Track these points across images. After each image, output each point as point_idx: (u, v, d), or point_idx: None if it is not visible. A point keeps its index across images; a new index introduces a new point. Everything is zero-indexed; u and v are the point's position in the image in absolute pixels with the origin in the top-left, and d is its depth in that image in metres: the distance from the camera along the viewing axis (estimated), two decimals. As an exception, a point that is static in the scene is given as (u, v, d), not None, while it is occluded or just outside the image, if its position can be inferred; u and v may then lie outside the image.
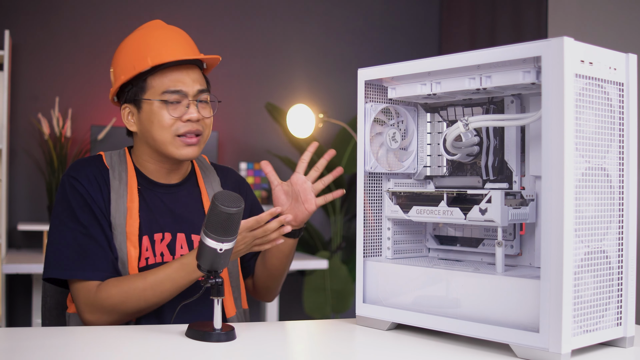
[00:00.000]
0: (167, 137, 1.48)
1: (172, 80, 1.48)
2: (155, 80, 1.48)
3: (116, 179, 1.50)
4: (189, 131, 1.48)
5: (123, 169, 1.53)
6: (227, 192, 1.21)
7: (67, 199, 1.46)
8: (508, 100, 1.32)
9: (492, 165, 1.34)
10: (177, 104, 1.48)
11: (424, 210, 1.34)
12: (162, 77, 1.48)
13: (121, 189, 1.49)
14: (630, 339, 1.19)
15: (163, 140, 1.48)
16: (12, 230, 3.60)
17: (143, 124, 1.50)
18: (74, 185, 1.47)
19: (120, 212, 1.47)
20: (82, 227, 1.44)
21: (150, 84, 1.48)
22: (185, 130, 1.48)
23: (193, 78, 1.50)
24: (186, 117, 1.47)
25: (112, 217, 1.47)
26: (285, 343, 1.31)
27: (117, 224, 1.46)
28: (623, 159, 1.18)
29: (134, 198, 1.49)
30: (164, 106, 1.47)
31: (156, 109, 1.47)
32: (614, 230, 1.18)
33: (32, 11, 3.73)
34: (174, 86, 1.47)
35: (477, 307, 1.21)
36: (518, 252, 1.32)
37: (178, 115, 1.47)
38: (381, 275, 1.38)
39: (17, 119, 3.64)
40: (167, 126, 1.47)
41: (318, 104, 4.16)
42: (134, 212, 1.48)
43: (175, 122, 1.47)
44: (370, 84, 1.42)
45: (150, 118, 1.48)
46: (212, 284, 1.23)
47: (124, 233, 1.46)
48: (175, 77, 1.48)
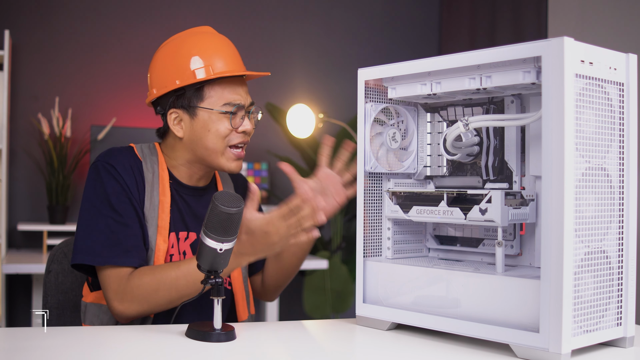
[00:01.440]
0: (221, 147, 1.49)
1: (232, 92, 1.50)
2: (215, 90, 1.49)
3: (150, 172, 1.51)
4: (241, 142, 1.52)
5: (155, 162, 1.53)
6: (227, 192, 1.21)
7: (102, 184, 1.44)
8: (508, 100, 1.32)
9: (492, 165, 1.34)
10: (235, 115, 1.50)
11: (424, 210, 1.34)
12: (222, 88, 1.49)
13: (154, 182, 1.50)
14: (630, 339, 1.19)
15: (216, 149, 1.49)
16: (12, 230, 3.60)
17: (195, 131, 1.50)
18: (110, 171, 1.45)
19: (154, 205, 1.48)
20: (116, 214, 1.42)
21: (208, 93, 1.49)
22: (238, 141, 1.51)
23: (246, 91, 1.55)
24: (242, 128, 1.51)
25: (145, 209, 1.47)
26: (285, 343, 1.31)
27: (150, 217, 1.47)
28: (623, 159, 1.18)
29: (166, 192, 1.50)
30: (224, 117, 1.48)
31: (215, 118, 1.48)
32: (614, 230, 1.18)
33: (32, 11, 3.73)
34: (234, 99, 1.50)
35: (477, 307, 1.21)
36: (518, 252, 1.32)
37: (236, 127, 1.50)
38: (381, 275, 1.38)
39: (17, 119, 3.64)
40: (223, 136, 1.49)
41: (318, 104, 4.15)
42: (165, 206, 1.49)
43: (231, 132, 1.50)
44: (370, 84, 1.42)
45: (206, 126, 1.49)
46: (212, 284, 1.23)
47: (155, 226, 1.47)
48: (234, 90, 1.51)
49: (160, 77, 1.51)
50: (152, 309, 1.40)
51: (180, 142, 1.53)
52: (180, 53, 1.50)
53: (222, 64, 1.49)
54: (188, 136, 1.51)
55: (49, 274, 1.68)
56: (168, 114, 1.51)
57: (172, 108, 1.51)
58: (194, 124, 1.49)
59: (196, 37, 1.52)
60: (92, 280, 1.51)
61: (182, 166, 1.54)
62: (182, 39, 1.52)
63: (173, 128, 1.51)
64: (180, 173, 1.55)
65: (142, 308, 1.39)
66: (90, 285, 1.52)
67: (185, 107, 1.49)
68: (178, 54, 1.50)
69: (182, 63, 1.48)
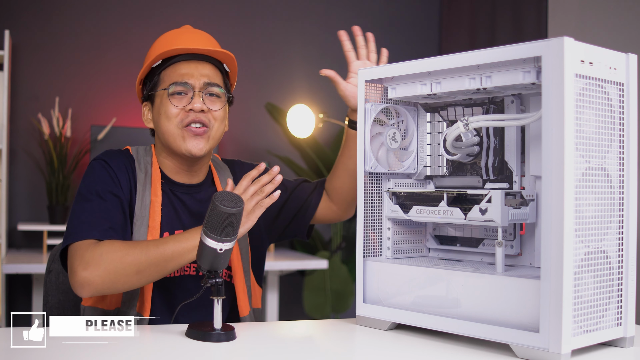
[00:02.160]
0: (173, 128, 1.49)
1: (180, 73, 1.51)
2: (166, 74, 1.52)
3: (142, 172, 1.52)
4: (193, 121, 1.49)
5: (148, 162, 1.54)
6: (227, 192, 1.21)
7: (94, 178, 1.46)
8: (508, 100, 1.32)
9: (492, 165, 1.34)
10: (184, 95, 1.50)
11: (424, 210, 1.34)
12: (172, 71, 1.51)
13: (146, 182, 1.51)
14: (630, 339, 1.19)
15: (170, 131, 1.50)
16: (12, 230, 3.60)
17: (155, 118, 1.54)
18: (105, 167, 1.48)
19: (145, 204, 1.48)
20: (100, 200, 1.43)
21: (162, 78, 1.53)
22: (189, 120, 1.49)
23: (202, 72, 1.52)
24: (189, 107, 1.49)
25: (136, 208, 1.47)
26: (285, 343, 1.31)
27: (141, 216, 1.47)
28: (623, 159, 1.18)
29: (158, 192, 1.51)
30: (172, 98, 1.50)
31: (164, 100, 1.50)
32: (614, 230, 1.18)
33: (32, 11, 3.73)
34: (180, 78, 1.50)
35: (477, 307, 1.21)
36: (518, 252, 1.32)
37: (182, 106, 1.49)
38: (381, 275, 1.37)
39: (17, 119, 3.64)
40: (172, 116, 1.49)
41: (318, 104, 4.15)
42: (156, 206, 1.49)
43: (180, 112, 1.49)
44: (370, 84, 1.42)
45: (159, 110, 1.51)
46: (212, 284, 1.23)
47: (146, 225, 1.47)
48: (183, 71, 1.51)
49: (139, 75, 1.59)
50: (117, 279, 1.32)
51: (156, 134, 1.57)
52: (151, 48, 1.56)
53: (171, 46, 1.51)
54: (155, 125, 1.55)
55: (50, 274, 1.68)
56: (143, 108, 1.58)
57: (144, 102, 1.57)
58: (154, 111, 1.54)
59: (165, 34, 1.57)
60: None
61: (165, 159, 1.56)
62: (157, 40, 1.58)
63: (145, 121, 1.58)
64: (169, 168, 1.56)
65: (107, 276, 1.31)
66: None
67: (149, 97, 1.55)
68: (150, 50, 1.56)
69: (149, 55, 1.55)
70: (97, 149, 3.50)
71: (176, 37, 1.54)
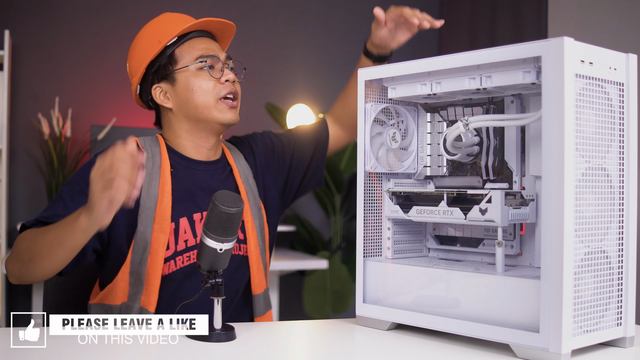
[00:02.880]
0: (211, 100, 1.49)
1: (203, 47, 1.51)
2: (185, 50, 1.51)
3: (150, 161, 1.49)
4: (229, 92, 1.50)
5: (157, 152, 1.52)
6: (226, 192, 1.21)
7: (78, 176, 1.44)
8: (508, 100, 1.32)
9: (492, 165, 1.34)
10: (212, 68, 1.50)
11: (424, 210, 1.34)
12: (191, 46, 1.51)
13: (154, 172, 1.48)
14: (631, 339, 1.19)
15: (207, 104, 1.49)
16: (12, 230, 3.60)
17: (181, 96, 1.50)
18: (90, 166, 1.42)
19: (151, 196, 1.45)
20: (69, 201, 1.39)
21: (180, 54, 1.51)
22: (226, 92, 1.50)
23: (218, 46, 1.55)
24: (224, 77, 1.50)
25: (141, 199, 1.45)
26: (285, 343, 1.31)
27: (146, 207, 1.44)
28: (623, 159, 1.18)
29: (167, 182, 1.48)
30: (202, 72, 1.50)
31: (193, 75, 1.49)
32: (614, 230, 1.18)
33: (32, 11, 3.73)
34: (206, 51, 1.51)
35: (477, 307, 1.21)
36: (518, 252, 1.32)
37: (217, 77, 1.50)
38: (381, 275, 1.37)
39: (17, 119, 3.64)
40: (209, 90, 1.49)
41: (318, 104, 4.15)
42: (165, 197, 1.46)
43: (215, 85, 1.49)
44: (370, 84, 1.42)
45: (188, 86, 1.49)
46: (212, 284, 1.23)
47: (151, 217, 1.44)
48: (204, 45, 1.52)
49: (133, 62, 1.55)
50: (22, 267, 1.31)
51: (174, 115, 1.53)
52: (141, 38, 1.54)
53: (182, 24, 1.51)
54: (176, 104, 1.52)
55: (49, 274, 1.68)
56: (153, 92, 1.53)
57: (153, 84, 1.53)
58: (177, 89, 1.51)
59: (153, 20, 1.57)
60: (101, 279, 1.51)
61: (186, 140, 1.53)
62: (141, 30, 1.57)
63: (162, 102, 1.53)
64: (187, 149, 1.54)
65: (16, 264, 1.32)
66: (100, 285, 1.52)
67: (164, 77, 1.52)
68: (143, 37, 1.54)
69: (148, 40, 1.52)
70: (97, 149, 3.51)
71: (180, 17, 1.55)
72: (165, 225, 1.45)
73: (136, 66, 1.54)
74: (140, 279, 1.44)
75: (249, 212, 1.55)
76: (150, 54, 1.51)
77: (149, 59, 1.51)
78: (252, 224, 1.55)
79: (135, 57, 1.54)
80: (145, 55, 1.52)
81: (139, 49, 1.54)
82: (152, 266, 1.44)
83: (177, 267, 1.47)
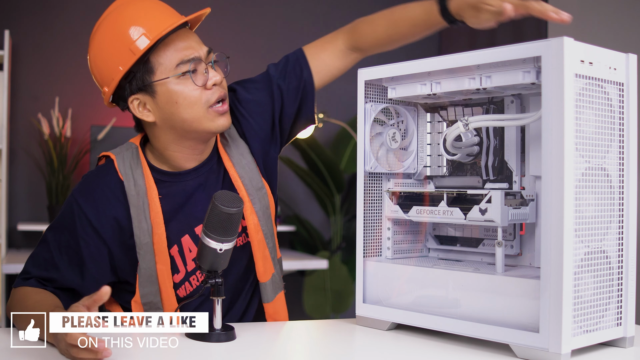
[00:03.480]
0: (200, 111, 1.33)
1: (180, 50, 1.32)
2: (161, 56, 1.31)
3: (133, 190, 1.36)
4: (219, 97, 1.34)
5: (139, 175, 1.38)
6: (226, 192, 1.21)
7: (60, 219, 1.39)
8: (508, 100, 1.32)
9: (492, 165, 1.34)
10: (195, 72, 1.32)
11: (424, 210, 1.34)
12: (167, 50, 1.31)
13: (140, 202, 1.36)
14: (630, 339, 1.19)
15: (196, 117, 1.33)
16: (12, 230, 3.60)
17: (164, 109, 1.33)
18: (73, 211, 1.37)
19: (144, 230, 1.35)
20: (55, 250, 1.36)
21: (156, 62, 1.31)
22: (216, 97, 1.34)
23: (195, 40, 1.35)
24: (210, 82, 1.33)
25: (135, 237, 1.35)
26: (285, 343, 1.31)
27: (143, 243, 1.36)
28: (623, 159, 1.18)
29: (157, 211, 1.36)
30: (184, 79, 1.32)
31: (175, 86, 1.32)
32: (614, 230, 1.18)
33: (32, 11, 3.73)
34: (185, 55, 1.32)
35: (477, 307, 1.21)
36: (518, 252, 1.32)
37: (203, 84, 1.32)
38: (381, 275, 1.37)
39: (17, 119, 3.64)
40: (196, 100, 1.32)
41: (318, 104, 4.14)
42: (158, 229, 1.36)
43: (202, 93, 1.32)
44: (370, 84, 1.42)
45: (171, 99, 1.32)
46: (212, 284, 1.23)
47: (151, 251, 1.36)
48: (181, 46, 1.32)
49: (103, 72, 1.35)
50: None
51: (158, 127, 1.37)
52: (110, 37, 1.33)
53: (157, 25, 1.30)
54: (160, 117, 1.35)
55: (49, 274, 1.68)
56: (130, 105, 1.35)
57: (130, 96, 1.34)
58: (158, 101, 1.33)
59: (117, 13, 1.35)
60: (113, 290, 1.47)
61: (174, 152, 1.39)
62: (106, 23, 1.35)
63: (142, 116, 1.35)
64: (176, 160, 1.40)
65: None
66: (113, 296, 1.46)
67: (141, 89, 1.33)
68: (109, 39, 1.33)
69: (117, 46, 1.31)
70: (97, 149, 3.51)
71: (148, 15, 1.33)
72: (164, 257, 1.37)
73: (106, 76, 1.35)
74: (158, 307, 1.39)
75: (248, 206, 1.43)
76: (123, 64, 1.31)
77: (122, 71, 1.31)
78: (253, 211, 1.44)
79: (103, 65, 1.35)
80: (114, 63, 1.32)
81: (107, 55, 1.34)
82: (165, 296, 1.39)
83: (193, 286, 1.43)
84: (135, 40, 1.30)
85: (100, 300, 1.07)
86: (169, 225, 1.40)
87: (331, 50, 1.53)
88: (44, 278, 1.36)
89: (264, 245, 1.45)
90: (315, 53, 1.52)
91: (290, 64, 1.53)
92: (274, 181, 1.54)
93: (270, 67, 1.54)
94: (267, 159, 1.52)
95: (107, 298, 1.08)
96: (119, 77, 1.32)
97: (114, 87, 1.34)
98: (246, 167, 1.46)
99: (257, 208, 1.45)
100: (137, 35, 1.30)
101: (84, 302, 1.08)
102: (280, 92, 1.51)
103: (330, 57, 1.52)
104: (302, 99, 1.52)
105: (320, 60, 1.52)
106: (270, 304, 1.49)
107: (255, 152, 1.49)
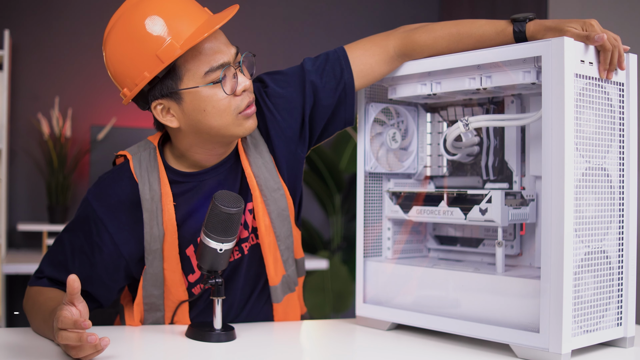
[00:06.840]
0: (228, 119, 1.27)
1: (209, 55, 1.25)
2: (189, 62, 1.24)
3: (147, 194, 1.33)
4: (249, 103, 1.29)
5: (155, 179, 1.34)
6: (227, 192, 1.21)
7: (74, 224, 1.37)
8: (508, 100, 1.32)
9: (492, 165, 1.34)
10: (224, 79, 1.26)
11: (424, 210, 1.34)
12: (195, 57, 1.24)
13: (154, 207, 1.32)
14: (631, 339, 1.19)
15: (224, 124, 1.28)
16: (12, 230, 3.60)
17: (190, 116, 1.27)
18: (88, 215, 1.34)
19: (155, 236, 1.32)
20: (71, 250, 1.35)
21: (184, 68, 1.24)
22: (245, 103, 1.29)
23: (223, 41, 1.29)
24: (240, 88, 1.27)
25: (145, 243, 1.32)
26: (285, 343, 1.31)
27: (153, 249, 1.33)
28: (623, 159, 1.18)
29: (170, 215, 1.33)
30: (213, 87, 1.25)
31: (204, 95, 1.25)
32: (614, 230, 1.18)
33: (32, 11, 3.73)
34: (215, 61, 1.25)
35: (477, 307, 1.21)
36: (518, 252, 1.32)
37: (232, 91, 1.26)
38: (381, 275, 1.37)
39: (17, 119, 3.64)
40: (225, 109, 1.26)
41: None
42: (170, 236, 1.33)
43: (231, 100, 1.27)
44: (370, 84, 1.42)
45: (199, 107, 1.26)
46: (212, 284, 1.23)
47: (160, 257, 1.33)
48: (209, 50, 1.25)
49: (124, 74, 1.28)
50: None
51: (181, 132, 1.32)
52: (133, 37, 1.25)
53: (185, 28, 1.22)
54: (185, 123, 1.29)
55: (49, 274, 1.68)
56: (153, 110, 1.29)
57: (154, 100, 1.28)
58: (184, 109, 1.27)
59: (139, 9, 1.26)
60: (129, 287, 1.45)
61: (197, 153, 1.34)
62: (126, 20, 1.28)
63: (164, 121, 1.29)
64: (197, 160, 1.36)
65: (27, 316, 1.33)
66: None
67: (167, 95, 1.27)
68: (131, 40, 1.25)
69: (141, 49, 1.23)
70: (97, 149, 3.50)
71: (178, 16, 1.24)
72: (174, 263, 1.34)
73: (128, 80, 1.27)
74: (159, 308, 1.38)
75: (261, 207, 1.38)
76: (149, 71, 1.23)
77: (148, 78, 1.24)
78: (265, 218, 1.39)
79: (124, 67, 1.28)
80: (138, 69, 1.24)
81: (129, 57, 1.26)
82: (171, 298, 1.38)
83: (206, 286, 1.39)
84: (163, 46, 1.21)
85: (73, 292, 1.08)
86: (186, 224, 1.36)
87: (380, 56, 1.41)
88: (55, 278, 1.36)
89: (274, 247, 1.40)
90: (362, 56, 1.42)
91: (330, 62, 1.44)
92: (298, 182, 1.49)
93: (306, 61, 1.46)
94: (292, 159, 1.45)
95: (78, 286, 1.07)
96: (144, 83, 1.24)
97: (136, 92, 1.27)
98: (262, 167, 1.40)
99: (271, 209, 1.40)
100: (164, 41, 1.21)
101: (64, 301, 1.09)
102: (313, 90, 1.42)
103: (378, 62, 1.41)
104: (339, 101, 1.42)
105: (366, 64, 1.42)
106: (280, 304, 1.45)
107: (277, 151, 1.43)
